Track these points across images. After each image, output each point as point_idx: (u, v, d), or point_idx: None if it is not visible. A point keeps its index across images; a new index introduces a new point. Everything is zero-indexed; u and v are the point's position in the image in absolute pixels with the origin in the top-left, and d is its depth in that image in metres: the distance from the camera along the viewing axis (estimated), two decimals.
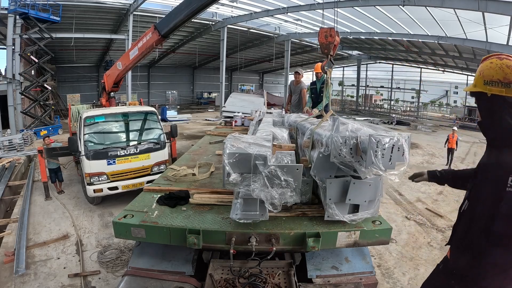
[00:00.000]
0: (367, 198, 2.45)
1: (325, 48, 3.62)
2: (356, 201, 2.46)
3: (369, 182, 2.40)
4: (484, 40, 15.10)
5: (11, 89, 15.00)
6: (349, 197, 2.42)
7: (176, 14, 6.66)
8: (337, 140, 2.26)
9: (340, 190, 2.46)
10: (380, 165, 2.08)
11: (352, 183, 2.39)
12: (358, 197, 2.44)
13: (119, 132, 7.14)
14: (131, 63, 8.04)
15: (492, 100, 1.57)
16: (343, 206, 2.52)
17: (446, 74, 30.92)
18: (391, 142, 2.10)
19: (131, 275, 2.63)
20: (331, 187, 2.46)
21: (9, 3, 14.50)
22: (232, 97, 18.76)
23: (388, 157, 2.11)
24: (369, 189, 2.44)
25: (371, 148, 2.08)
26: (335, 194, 2.48)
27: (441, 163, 11.61)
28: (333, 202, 2.48)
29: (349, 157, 2.24)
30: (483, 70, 1.58)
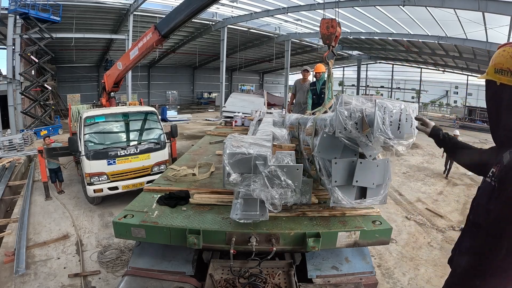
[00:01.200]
0: (375, 181, 2.35)
1: (326, 38, 3.63)
2: (364, 183, 2.34)
3: (376, 162, 2.30)
4: (484, 40, 15.10)
5: (11, 89, 15.00)
6: (356, 179, 2.31)
7: (176, 14, 6.66)
8: (342, 113, 2.15)
9: (346, 171, 2.35)
10: (388, 132, 1.98)
11: (359, 162, 2.29)
12: (365, 178, 2.32)
13: (119, 132, 7.14)
14: (131, 63, 8.05)
15: (501, 90, 1.49)
16: (349, 191, 2.42)
17: (446, 74, 30.94)
18: (399, 109, 2.01)
19: (131, 275, 2.63)
20: (336, 168, 2.35)
21: (9, 3, 14.50)
22: (232, 97, 18.76)
23: (396, 125, 2.01)
24: (377, 170, 2.32)
25: (378, 115, 1.98)
26: (340, 176, 2.36)
27: (442, 163, 11.60)
28: (338, 185, 2.36)
29: (354, 131, 2.12)
30: (495, 57, 1.50)
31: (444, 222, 6.50)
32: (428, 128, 2.09)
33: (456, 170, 10.61)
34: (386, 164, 2.36)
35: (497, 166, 1.50)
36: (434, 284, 4.38)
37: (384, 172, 2.37)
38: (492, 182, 1.50)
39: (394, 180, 9.33)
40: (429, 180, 9.44)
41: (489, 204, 1.49)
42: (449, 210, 7.12)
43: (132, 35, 18.04)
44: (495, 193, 1.47)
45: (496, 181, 1.47)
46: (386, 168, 2.36)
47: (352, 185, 2.38)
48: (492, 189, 1.49)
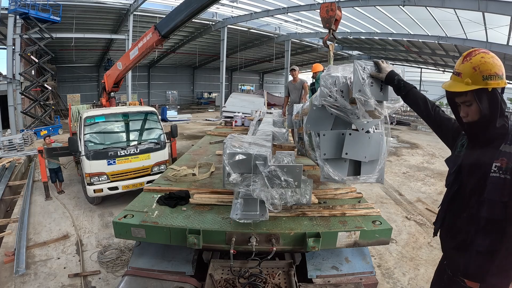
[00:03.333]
0: (367, 154, 2.25)
1: (326, 22, 3.62)
2: (354, 156, 2.25)
3: (368, 135, 2.21)
4: (484, 40, 15.10)
5: (11, 89, 15.00)
6: (345, 151, 2.21)
7: (176, 14, 6.66)
8: (326, 80, 2.11)
9: (335, 143, 2.26)
10: (368, 93, 1.88)
11: (348, 134, 2.21)
12: (355, 151, 2.22)
13: (119, 132, 7.14)
14: (131, 63, 8.05)
15: (493, 94, 1.55)
16: (341, 166, 2.34)
17: (446, 74, 30.86)
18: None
19: (131, 275, 2.63)
20: (324, 140, 2.27)
21: (9, 3, 14.50)
22: (232, 97, 18.81)
23: (378, 85, 1.92)
24: (369, 143, 2.22)
25: (357, 75, 1.87)
26: (329, 148, 2.26)
27: (441, 163, 11.60)
28: (327, 159, 2.26)
29: (340, 98, 2.05)
30: (478, 65, 1.53)
31: None
32: (383, 74, 1.95)
33: None
34: (380, 138, 2.27)
35: (502, 160, 1.51)
36: None
37: (378, 146, 2.27)
38: (502, 176, 1.50)
39: (394, 180, 9.33)
40: (429, 180, 9.44)
41: (503, 197, 1.50)
42: None
43: (132, 35, 18.05)
44: (508, 187, 1.48)
45: (509, 174, 1.48)
46: (380, 142, 2.27)
47: (343, 160, 2.28)
48: (504, 183, 1.49)
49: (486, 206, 1.56)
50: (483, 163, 1.58)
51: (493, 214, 1.54)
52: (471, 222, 1.64)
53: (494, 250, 1.55)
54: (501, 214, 1.52)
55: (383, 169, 2.38)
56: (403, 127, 21.89)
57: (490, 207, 1.55)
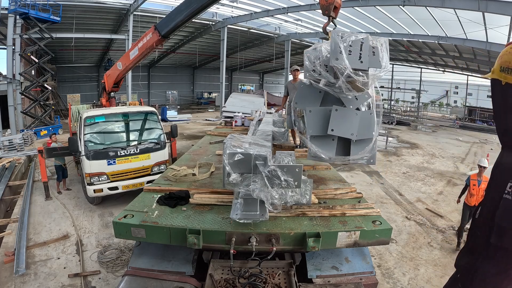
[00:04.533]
0: (354, 131, 2.17)
1: (325, 9, 3.60)
2: (340, 132, 2.17)
3: (355, 111, 2.15)
4: (484, 40, 15.10)
5: (11, 89, 14.99)
6: (331, 127, 2.14)
7: (176, 14, 6.65)
8: (310, 55, 2.09)
9: (322, 121, 2.19)
10: (345, 61, 1.83)
11: (334, 109, 2.14)
12: (342, 127, 2.14)
13: (119, 132, 7.14)
14: (131, 63, 8.04)
15: (506, 90, 1.36)
16: (329, 145, 2.27)
17: (446, 74, 30.90)
18: (359, 39, 1.87)
19: (131, 275, 2.63)
20: (311, 117, 2.21)
21: (9, 3, 14.49)
22: (232, 97, 18.78)
23: (356, 54, 1.87)
24: (356, 120, 2.15)
25: (335, 42, 1.83)
26: (316, 125, 2.20)
27: (441, 163, 11.60)
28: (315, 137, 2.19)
29: (324, 72, 2.00)
30: (502, 55, 1.36)
31: (444, 222, 6.50)
32: None
33: (456, 170, 10.62)
34: (370, 116, 2.20)
35: None
36: (434, 284, 4.38)
37: (368, 125, 2.20)
38: None
39: (394, 180, 9.33)
40: (429, 180, 9.44)
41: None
42: (449, 210, 7.12)
43: (132, 35, 18.03)
44: None
45: None
46: (370, 120, 2.19)
47: (331, 139, 2.22)
48: None
49: (495, 231, 1.38)
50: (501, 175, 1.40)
51: (503, 243, 1.36)
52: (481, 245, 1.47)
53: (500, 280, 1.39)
54: (510, 244, 1.33)
55: (374, 149, 2.29)
56: (403, 127, 21.89)
57: (499, 235, 1.36)
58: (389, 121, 23.77)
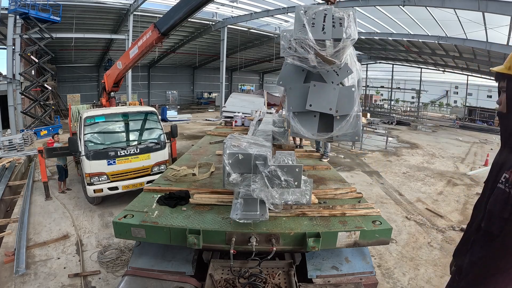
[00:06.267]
0: (332, 106, 2.18)
1: None
2: (318, 107, 2.20)
3: (333, 86, 2.16)
4: (484, 40, 15.11)
5: (11, 89, 14.99)
6: (309, 102, 2.16)
7: (175, 12, 6.67)
8: (286, 34, 2.12)
9: (302, 97, 2.21)
10: (308, 33, 1.88)
11: (313, 85, 2.16)
12: (320, 102, 2.16)
13: (119, 132, 7.14)
14: (131, 62, 8.05)
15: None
16: (310, 121, 2.29)
17: (446, 74, 30.91)
18: (322, 10, 1.90)
19: (131, 275, 2.63)
20: (291, 94, 2.24)
21: (9, 3, 14.50)
22: (232, 97, 18.80)
23: (319, 26, 1.91)
24: (334, 94, 2.16)
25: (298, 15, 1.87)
26: (296, 101, 2.22)
27: (441, 163, 11.61)
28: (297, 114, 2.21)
29: (299, 48, 2.04)
30: None
31: (444, 222, 6.50)
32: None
33: (456, 170, 10.62)
34: (351, 92, 2.20)
35: (510, 171, 1.40)
36: (434, 284, 4.38)
37: (348, 100, 2.20)
38: (507, 189, 1.39)
39: (394, 180, 9.33)
40: (429, 180, 9.44)
41: (503, 213, 1.39)
42: (449, 210, 7.12)
43: (132, 35, 18.04)
44: (511, 201, 1.37)
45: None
46: (351, 96, 2.19)
47: (313, 115, 2.24)
48: (507, 196, 1.38)
49: (486, 217, 1.47)
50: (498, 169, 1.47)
51: (491, 228, 1.45)
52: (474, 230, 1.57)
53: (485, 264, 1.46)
54: (498, 230, 1.41)
55: (357, 125, 2.28)
56: (403, 127, 21.89)
57: (488, 219, 1.46)
58: (389, 121, 23.77)
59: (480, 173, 10.32)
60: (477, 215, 1.65)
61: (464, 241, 1.76)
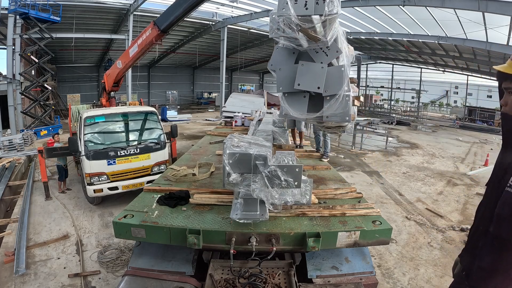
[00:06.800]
0: (320, 84, 2.20)
1: None
2: (306, 86, 2.22)
3: (321, 65, 2.19)
4: (484, 40, 15.11)
5: (11, 89, 14.99)
6: (297, 82, 2.19)
7: (174, 8, 6.70)
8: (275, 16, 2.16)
9: (291, 77, 2.24)
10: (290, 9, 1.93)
11: (301, 65, 2.20)
12: (307, 81, 2.19)
13: (119, 132, 7.14)
14: (131, 60, 8.05)
15: None
16: (300, 102, 2.31)
17: (446, 74, 30.92)
18: None
19: (131, 275, 2.63)
20: (281, 75, 2.27)
21: (9, 3, 14.50)
22: (232, 97, 18.80)
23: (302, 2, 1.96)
24: (322, 73, 2.19)
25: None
26: (285, 82, 2.25)
27: (441, 163, 11.61)
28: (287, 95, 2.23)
29: (287, 29, 2.08)
30: None
31: (444, 222, 6.50)
32: None
33: (456, 170, 10.62)
34: (339, 71, 2.22)
35: None
36: (434, 284, 4.38)
37: (338, 79, 2.21)
38: None
39: (394, 180, 9.33)
40: (429, 180, 9.44)
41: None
42: (449, 210, 7.12)
43: (132, 35, 18.04)
44: None
45: None
46: (341, 75, 2.21)
47: (303, 96, 2.26)
48: None
49: (494, 221, 1.42)
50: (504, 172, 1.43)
51: (500, 232, 1.40)
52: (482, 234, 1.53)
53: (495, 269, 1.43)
54: (508, 234, 1.37)
55: (347, 105, 2.27)
56: (403, 127, 21.89)
57: (497, 223, 1.41)
58: (389, 121, 23.78)
59: (480, 173, 10.32)
60: (481, 218, 1.62)
61: (471, 245, 1.70)
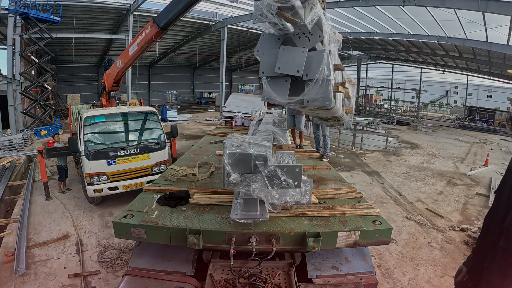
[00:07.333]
0: (299, 68, 2.23)
1: None
2: (286, 69, 2.24)
3: (301, 49, 2.22)
4: (484, 40, 15.11)
5: (11, 89, 15.00)
6: (278, 65, 2.23)
7: (174, 5, 6.72)
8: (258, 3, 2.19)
9: (273, 61, 2.27)
10: None
11: (282, 49, 2.24)
12: (287, 65, 2.22)
13: (119, 132, 7.14)
14: (130, 59, 8.05)
15: None
16: (282, 86, 2.34)
17: (446, 74, 30.93)
18: None
19: (131, 275, 2.63)
20: (263, 59, 2.32)
21: (9, 3, 14.50)
22: (232, 97, 18.80)
23: None
24: (301, 57, 2.21)
25: None
26: (267, 66, 2.29)
27: (441, 163, 11.61)
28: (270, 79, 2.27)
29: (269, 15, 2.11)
30: None
31: (444, 222, 6.50)
32: None
33: (456, 170, 10.62)
34: (319, 55, 2.24)
35: None
36: (434, 284, 4.38)
37: (318, 63, 2.23)
38: None
39: (394, 180, 9.33)
40: (429, 180, 9.44)
41: None
42: (449, 210, 7.12)
43: (132, 35, 18.04)
44: None
45: None
46: (321, 59, 2.23)
47: (285, 80, 2.30)
48: None
49: (505, 235, 1.37)
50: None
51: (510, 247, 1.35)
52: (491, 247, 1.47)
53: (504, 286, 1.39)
54: None
55: (328, 90, 2.28)
56: (403, 127, 21.90)
57: (507, 237, 1.36)
58: (389, 121, 23.78)
59: (480, 173, 10.32)
60: (489, 228, 1.57)
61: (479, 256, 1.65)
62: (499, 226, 1.43)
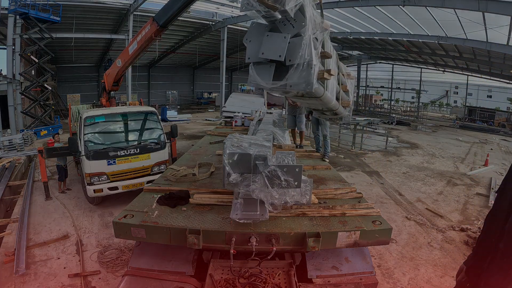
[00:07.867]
0: (281, 53, 2.29)
1: None
2: (269, 54, 2.31)
3: (283, 35, 2.29)
4: (484, 40, 15.10)
5: (11, 89, 15.00)
6: (261, 51, 2.30)
7: (173, 3, 6.75)
8: None
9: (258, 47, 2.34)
10: None
11: (266, 35, 2.32)
12: (270, 50, 2.29)
13: (119, 132, 7.14)
14: (130, 58, 8.05)
15: None
16: (267, 71, 2.39)
17: (446, 74, 30.92)
18: None
19: (131, 275, 2.63)
20: (250, 46, 2.39)
21: (9, 3, 14.50)
22: (232, 97, 18.78)
23: None
24: (284, 42, 2.28)
25: None
26: (252, 51, 2.38)
27: (441, 163, 11.61)
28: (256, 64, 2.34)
29: (255, 3, 2.16)
30: None
31: (444, 222, 6.50)
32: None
33: (456, 170, 10.62)
34: (300, 40, 2.30)
35: None
36: (434, 284, 4.38)
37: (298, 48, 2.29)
38: None
39: (394, 180, 9.33)
40: (429, 180, 9.44)
41: None
42: (449, 210, 7.12)
43: (132, 35, 18.03)
44: None
45: None
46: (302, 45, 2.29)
47: (269, 66, 2.35)
48: None
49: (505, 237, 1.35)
50: None
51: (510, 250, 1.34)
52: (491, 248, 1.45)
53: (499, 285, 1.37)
54: None
55: (309, 75, 2.34)
56: (403, 127, 21.89)
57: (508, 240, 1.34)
58: (389, 121, 23.77)
59: (480, 173, 10.32)
60: (489, 229, 1.56)
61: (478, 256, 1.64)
62: (501, 227, 1.41)
